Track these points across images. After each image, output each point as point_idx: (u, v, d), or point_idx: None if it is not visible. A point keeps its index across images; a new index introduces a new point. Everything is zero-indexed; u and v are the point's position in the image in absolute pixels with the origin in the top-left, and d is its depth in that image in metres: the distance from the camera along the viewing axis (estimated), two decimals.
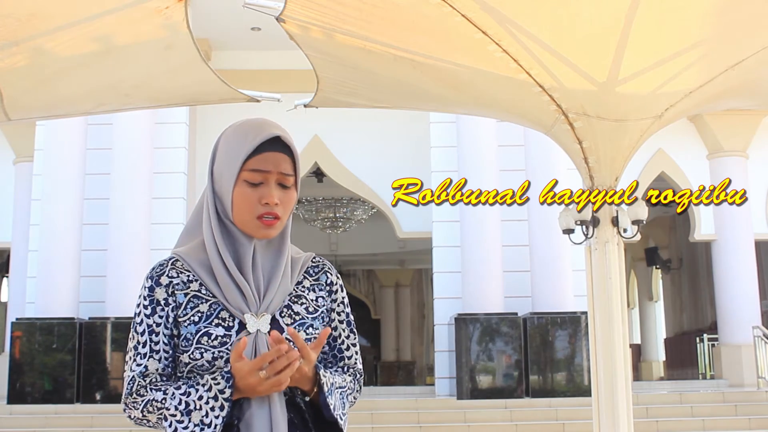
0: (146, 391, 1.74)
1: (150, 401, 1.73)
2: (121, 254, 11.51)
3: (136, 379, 1.76)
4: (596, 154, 3.43)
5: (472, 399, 11.08)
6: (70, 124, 11.57)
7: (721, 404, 11.06)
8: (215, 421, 1.68)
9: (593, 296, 3.61)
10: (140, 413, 1.75)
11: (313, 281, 1.90)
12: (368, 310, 24.74)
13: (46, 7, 2.38)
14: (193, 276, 1.81)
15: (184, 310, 1.79)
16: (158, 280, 1.81)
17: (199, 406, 1.69)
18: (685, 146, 13.64)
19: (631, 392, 3.54)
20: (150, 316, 1.79)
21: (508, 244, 11.84)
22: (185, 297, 1.79)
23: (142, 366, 1.77)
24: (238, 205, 1.79)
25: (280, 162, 1.79)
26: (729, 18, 2.72)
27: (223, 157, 1.82)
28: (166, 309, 1.79)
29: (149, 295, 1.80)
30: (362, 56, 2.82)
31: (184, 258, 1.83)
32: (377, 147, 13.40)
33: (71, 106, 3.27)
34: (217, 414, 1.69)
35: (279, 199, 1.79)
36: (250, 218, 1.78)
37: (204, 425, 1.69)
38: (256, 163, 1.78)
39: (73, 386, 11.11)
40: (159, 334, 1.78)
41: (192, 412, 1.70)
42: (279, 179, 1.80)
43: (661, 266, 21.06)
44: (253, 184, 1.78)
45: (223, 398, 1.69)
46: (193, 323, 1.77)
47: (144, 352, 1.78)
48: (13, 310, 12.78)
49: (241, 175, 1.78)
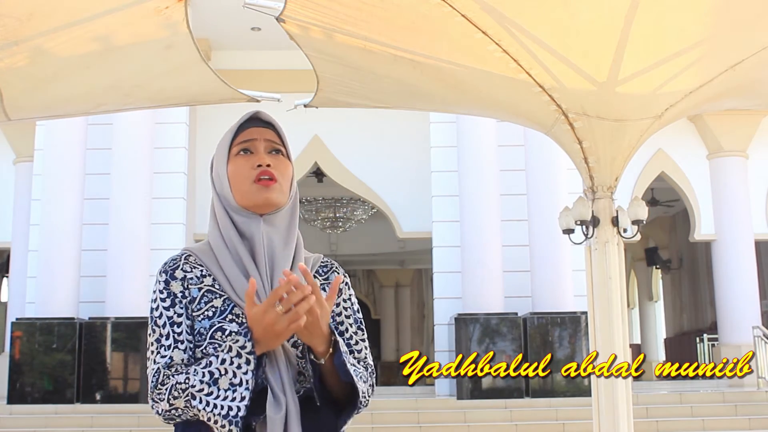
0: (169, 378, 1.71)
1: (174, 385, 1.69)
2: (121, 254, 11.51)
3: (162, 371, 1.73)
4: (596, 154, 3.43)
5: (472, 399, 11.08)
6: (70, 124, 11.57)
7: (721, 404, 11.06)
8: (244, 377, 1.64)
9: (593, 296, 3.61)
10: (167, 403, 1.70)
11: (322, 280, 1.91)
12: (368, 310, 24.74)
13: (46, 7, 2.38)
14: (206, 271, 1.82)
15: (198, 304, 1.78)
16: (173, 274, 1.81)
17: (224, 370, 1.66)
18: (685, 146, 13.65)
19: (631, 392, 3.54)
20: (170, 308, 1.78)
21: (508, 244, 11.84)
22: (199, 291, 1.79)
23: (167, 357, 1.74)
24: (235, 179, 1.83)
25: (263, 132, 1.87)
26: (729, 18, 2.72)
27: (217, 154, 1.90)
28: (183, 301, 1.79)
29: (165, 288, 1.80)
30: (362, 56, 2.82)
31: (196, 253, 1.85)
32: (377, 147, 13.41)
33: (71, 106, 3.27)
34: (245, 370, 1.65)
35: (271, 162, 1.83)
36: (248, 185, 1.82)
37: (234, 386, 1.64)
38: (241, 137, 1.87)
39: (73, 386, 11.11)
40: (181, 325, 1.77)
41: (219, 380, 1.65)
42: (267, 147, 1.86)
43: (661, 266, 21.07)
44: (243, 153, 1.85)
45: (246, 353, 1.65)
46: (207, 318, 1.77)
47: (168, 344, 1.75)
48: (13, 310, 12.78)
49: (231, 154, 1.86)
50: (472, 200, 11.83)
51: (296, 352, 1.78)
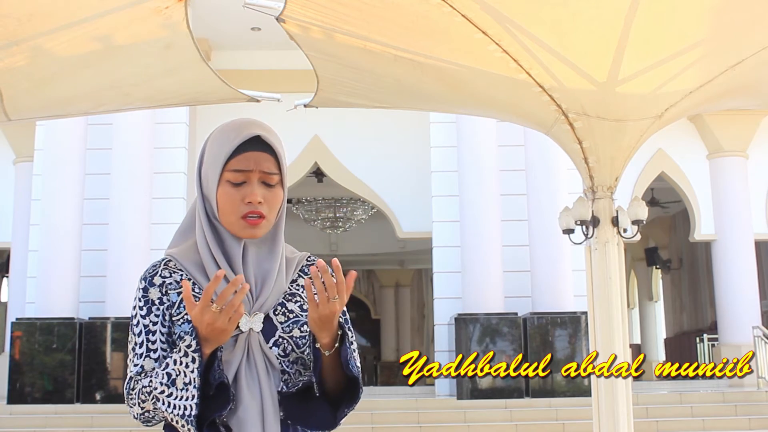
0: (137, 384, 1.75)
1: (140, 390, 1.73)
2: (121, 254, 11.51)
3: (134, 378, 1.77)
4: (596, 154, 3.43)
5: (472, 399, 11.08)
6: (70, 124, 11.56)
7: (721, 404, 11.06)
8: (192, 376, 1.66)
9: (593, 296, 3.60)
10: (138, 407, 1.74)
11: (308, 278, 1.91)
12: (368, 310, 24.74)
13: (46, 7, 2.38)
14: (186, 275, 1.82)
15: (177, 308, 1.79)
16: (151, 281, 1.82)
17: (178, 371, 1.68)
18: (685, 146, 13.64)
19: (631, 392, 3.54)
20: (146, 317, 1.80)
21: (508, 244, 11.83)
22: (178, 296, 1.80)
23: (139, 366, 1.77)
24: (223, 205, 1.80)
25: (261, 161, 1.80)
26: (729, 18, 2.72)
27: (208, 159, 1.84)
28: (161, 308, 1.80)
29: (144, 296, 1.81)
30: (362, 56, 2.82)
31: (177, 258, 1.85)
32: (377, 147, 13.40)
33: (71, 106, 3.27)
34: (192, 369, 1.66)
35: (263, 197, 1.79)
36: (235, 218, 1.79)
37: (186, 386, 1.66)
38: (236, 163, 1.79)
39: (73, 386, 11.11)
40: (156, 333, 1.79)
41: (176, 380, 1.68)
42: (262, 178, 1.80)
43: (661, 266, 21.06)
44: (235, 184, 1.79)
45: (191, 352, 1.67)
46: (187, 321, 1.77)
47: (141, 352, 1.78)
48: (13, 310, 12.78)
49: (223, 176, 1.79)
50: (472, 200, 11.82)
51: (278, 351, 1.79)
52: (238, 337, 1.77)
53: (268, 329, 1.79)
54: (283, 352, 1.79)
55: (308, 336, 1.82)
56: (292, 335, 1.81)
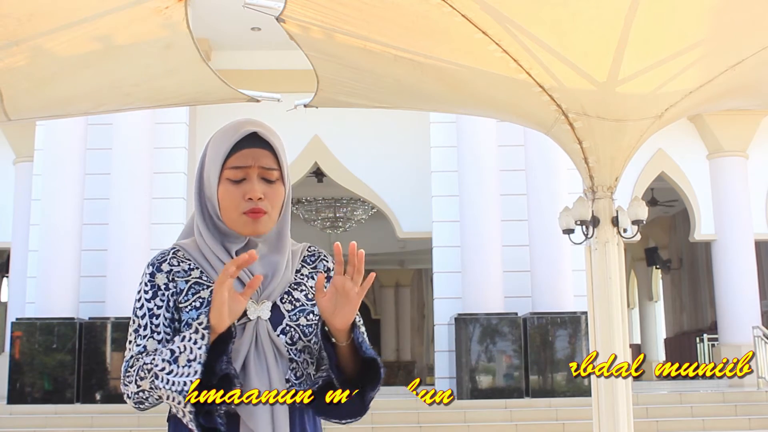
0: (138, 361, 1.74)
1: (141, 366, 1.72)
2: (121, 254, 11.52)
3: (134, 357, 1.77)
4: (596, 154, 3.42)
5: (472, 399, 11.08)
6: (70, 124, 11.57)
7: (721, 404, 11.06)
8: (198, 352, 1.65)
9: (593, 296, 3.60)
10: (135, 385, 1.73)
11: (311, 269, 1.93)
12: (368, 310, 24.75)
13: (46, 7, 2.38)
14: (194, 264, 1.84)
15: (185, 296, 1.80)
16: (159, 267, 1.84)
17: (183, 347, 1.67)
18: (685, 146, 13.65)
19: (631, 392, 3.54)
20: (150, 300, 1.81)
21: (508, 244, 11.84)
22: (186, 284, 1.81)
23: (141, 346, 1.77)
24: (224, 204, 1.82)
25: (259, 157, 1.82)
26: (729, 18, 2.72)
27: (209, 160, 1.87)
28: (166, 293, 1.81)
29: (150, 281, 1.82)
30: (362, 56, 2.82)
31: (185, 248, 1.86)
32: (377, 147, 13.41)
33: (71, 106, 3.27)
34: (200, 345, 1.65)
35: (263, 193, 1.81)
36: (237, 215, 1.81)
37: (190, 362, 1.65)
38: (235, 160, 1.81)
39: (73, 386, 11.11)
40: (159, 317, 1.79)
41: (179, 357, 1.67)
42: (261, 173, 1.82)
43: (661, 266, 21.07)
44: (235, 182, 1.81)
45: (202, 328, 1.67)
46: (194, 308, 1.78)
47: (144, 333, 1.78)
48: (13, 310, 12.79)
49: (223, 174, 1.82)
50: (472, 200, 11.83)
51: (285, 339, 1.80)
52: (246, 325, 1.77)
53: (276, 317, 1.81)
54: (290, 341, 1.81)
55: (314, 326, 1.84)
56: (299, 323, 1.83)
